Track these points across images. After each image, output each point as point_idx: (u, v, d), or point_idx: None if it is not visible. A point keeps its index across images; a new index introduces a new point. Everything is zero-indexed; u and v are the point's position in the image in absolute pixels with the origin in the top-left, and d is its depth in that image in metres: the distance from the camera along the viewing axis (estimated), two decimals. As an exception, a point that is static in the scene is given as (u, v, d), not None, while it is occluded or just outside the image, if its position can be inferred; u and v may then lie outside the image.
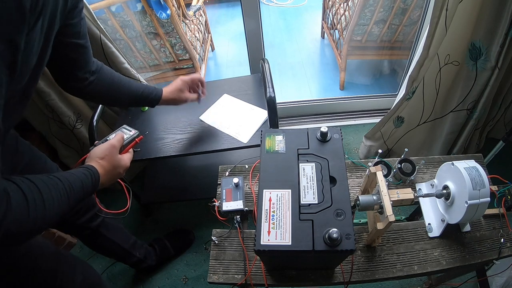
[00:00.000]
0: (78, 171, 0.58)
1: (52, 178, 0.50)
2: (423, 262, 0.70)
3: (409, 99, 1.26)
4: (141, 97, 0.88)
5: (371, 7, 1.79)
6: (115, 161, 0.66)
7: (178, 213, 1.52)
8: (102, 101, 0.84)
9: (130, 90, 0.86)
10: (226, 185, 0.78)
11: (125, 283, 1.33)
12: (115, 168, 0.66)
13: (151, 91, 0.91)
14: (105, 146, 0.66)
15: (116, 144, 0.68)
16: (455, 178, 0.66)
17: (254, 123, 1.13)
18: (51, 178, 0.50)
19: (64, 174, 0.54)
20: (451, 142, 1.33)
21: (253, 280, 0.69)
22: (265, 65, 1.20)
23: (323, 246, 0.51)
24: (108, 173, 0.64)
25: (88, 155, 0.66)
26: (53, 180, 0.50)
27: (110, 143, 0.67)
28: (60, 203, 0.49)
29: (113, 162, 0.65)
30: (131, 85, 0.87)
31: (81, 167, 0.60)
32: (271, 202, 0.57)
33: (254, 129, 1.11)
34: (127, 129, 0.79)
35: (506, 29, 0.94)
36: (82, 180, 0.56)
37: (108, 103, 0.87)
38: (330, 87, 2.23)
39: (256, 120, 1.14)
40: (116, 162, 0.66)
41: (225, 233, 0.76)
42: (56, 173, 0.53)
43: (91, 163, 0.63)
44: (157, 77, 2.04)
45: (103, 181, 0.62)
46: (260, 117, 1.15)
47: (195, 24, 2.10)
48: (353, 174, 0.85)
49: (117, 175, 0.67)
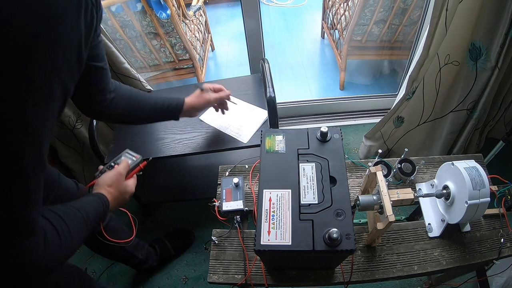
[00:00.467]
0: (91, 200, 0.62)
1: (71, 209, 0.54)
2: (423, 262, 0.70)
3: (409, 99, 1.26)
4: (163, 108, 0.86)
5: (371, 7, 1.79)
6: (122, 188, 0.71)
7: (178, 213, 1.52)
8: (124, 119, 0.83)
9: (150, 102, 0.84)
10: (226, 185, 0.78)
11: (125, 283, 1.33)
12: (122, 194, 0.70)
13: (172, 100, 0.88)
14: (112, 173, 0.70)
15: (122, 172, 0.72)
16: (455, 178, 0.66)
17: (254, 123, 1.13)
18: (70, 209, 0.53)
19: (81, 203, 0.57)
20: (451, 142, 1.33)
21: (253, 280, 0.69)
22: (265, 65, 1.20)
23: (323, 246, 0.51)
24: (116, 200, 0.69)
25: (96, 181, 0.70)
26: (73, 211, 0.53)
27: (117, 171, 0.71)
28: (81, 232, 0.53)
29: (120, 189, 0.70)
30: (150, 97, 0.85)
31: (92, 195, 0.64)
32: (271, 202, 0.57)
33: (254, 129, 1.10)
34: (130, 154, 0.80)
35: (506, 29, 0.94)
36: (96, 209, 0.60)
37: (130, 121, 0.88)
38: (330, 87, 2.23)
39: (256, 120, 1.14)
40: (123, 188, 0.71)
41: (225, 233, 0.76)
42: (72, 202, 0.56)
43: (101, 190, 0.67)
44: (157, 77, 2.04)
45: (112, 207, 0.67)
46: (260, 117, 1.14)
47: (195, 24, 2.10)
48: (353, 174, 0.85)
49: (123, 201, 0.72)
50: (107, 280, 1.33)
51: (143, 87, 1.32)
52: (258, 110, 1.17)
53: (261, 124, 1.12)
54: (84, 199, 0.61)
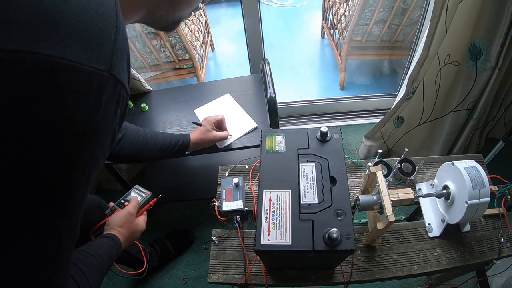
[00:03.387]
0: (104, 243, 0.63)
1: (87, 257, 0.54)
2: (423, 262, 0.70)
3: (409, 99, 1.26)
4: (169, 148, 0.90)
5: (371, 7, 1.79)
6: (133, 227, 0.72)
7: (178, 213, 1.52)
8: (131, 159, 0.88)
9: (157, 142, 0.88)
10: (226, 185, 0.78)
11: (125, 284, 1.32)
12: (133, 233, 0.72)
13: (178, 138, 0.93)
14: (123, 214, 0.72)
15: (133, 211, 0.74)
16: (455, 178, 0.66)
17: (237, 131, 1.10)
18: (87, 257, 0.54)
19: (95, 248, 0.58)
20: (451, 142, 1.33)
21: (253, 280, 0.69)
22: (265, 65, 1.20)
23: (323, 246, 0.51)
24: (127, 239, 0.70)
25: (107, 221, 0.72)
26: (89, 259, 0.54)
27: (128, 211, 0.73)
28: (98, 278, 0.54)
29: (131, 229, 0.72)
30: (157, 137, 0.89)
31: (104, 237, 0.66)
32: (271, 202, 0.57)
33: (234, 137, 1.09)
34: (140, 190, 0.82)
35: (506, 29, 0.94)
36: (109, 252, 0.61)
37: (137, 160, 0.92)
38: (330, 87, 2.23)
39: (240, 129, 1.11)
40: (134, 228, 0.72)
41: (225, 233, 0.76)
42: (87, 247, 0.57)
43: (112, 231, 0.68)
44: (157, 77, 2.04)
45: (123, 247, 0.68)
46: (246, 126, 1.12)
47: (195, 24, 2.10)
48: (353, 174, 0.85)
49: (134, 239, 0.73)
50: (107, 280, 1.33)
51: (143, 87, 1.32)
52: (247, 119, 1.14)
53: (242, 134, 1.10)
54: (97, 242, 0.61)
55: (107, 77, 0.30)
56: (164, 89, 1.37)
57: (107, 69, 0.30)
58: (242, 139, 1.08)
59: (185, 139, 0.94)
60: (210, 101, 1.23)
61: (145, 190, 0.83)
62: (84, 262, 0.51)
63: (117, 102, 0.34)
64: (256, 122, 1.13)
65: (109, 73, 0.30)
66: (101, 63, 0.29)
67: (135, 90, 1.33)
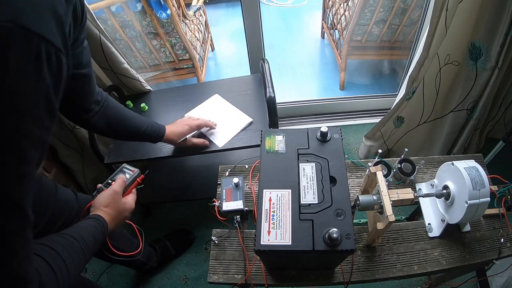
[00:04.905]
0: (88, 224, 0.59)
1: (67, 239, 0.52)
2: (423, 262, 0.70)
3: (409, 99, 1.26)
4: (144, 134, 0.89)
5: (371, 7, 1.79)
6: (120, 206, 0.68)
7: (178, 213, 1.52)
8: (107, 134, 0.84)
9: (135, 124, 0.86)
10: (226, 185, 0.78)
11: (125, 283, 1.33)
12: (120, 213, 0.68)
13: (154, 129, 0.92)
14: (108, 193, 0.68)
15: (118, 190, 0.69)
16: (455, 178, 0.66)
17: (233, 129, 1.10)
18: (67, 239, 0.52)
19: (77, 230, 0.56)
20: (451, 142, 1.33)
21: (253, 280, 0.69)
22: (265, 65, 1.20)
23: (323, 246, 0.51)
24: (115, 219, 0.66)
25: (92, 203, 0.68)
26: (69, 241, 0.52)
27: (113, 189, 0.69)
28: (79, 263, 0.52)
29: (118, 207, 0.67)
30: (135, 119, 0.87)
31: (89, 218, 0.62)
32: (271, 202, 0.57)
33: (232, 135, 1.09)
34: (127, 169, 0.78)
35: (506, 29, 0.94)
36: (94, 234, 0.58)
37: (112, 135, 0.90)
38: (330, 87, 2.23)
39: (236, 126, 1.11)
40: (121, 207, 0.68)
41: (225, 233, 0.76)
42: (69, 230, 0.55)
43: (97, 212, 0.64)
44: (157, 77, 2.04)
45: (111, 227, 0.64)
46: (241, 122, 1.12)
47: (195, 24, 2.10)
48: (353, 174, 0.85)
49: (123, 219, 0.69)
50: (107, 280, 1.33)
51: (143, 87, 1.32)
52: (241, 115, 1.15)
53: (239, 130, 1.10)
54: (81, 224, 0.59)
55: (10, 29, 0.26)
56: (163, 89, 1.37)
57: (10, 19, 0.26)
58: (242, 139, 1.08)
59: (160, 131, 0.94)
60: (201, 103, 1.23)
61: (132, 168, 0.77)
62: (62, 244, 0.50)
63: (38, 60, 0.30)
64: (251, 117, 1.13)
65: (13, 23, 0.26)
66: (4, 14, 0.25)
67: (135, 90, 1.33)
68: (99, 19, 1.09)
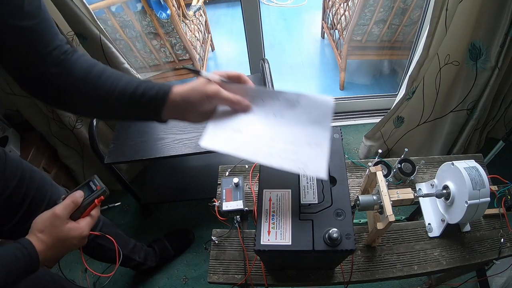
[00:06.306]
0: (9, 252, 0.48)
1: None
2: (423, 262, 0.70)
3: (409, 99, 1.26)
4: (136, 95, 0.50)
5: (371, 7, 1.79)
6: (61, 233, 0.53)
7: (178, 213, 1.52)
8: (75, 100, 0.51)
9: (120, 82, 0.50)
10: (226, 185, 0.78)
11: (125, 284, 1.32)
12: (62, 241, 0.53)
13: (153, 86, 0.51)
14: (46, 215, 0.54)
15: (59, 213, 0.53)
16: (455, 178, 0.66)
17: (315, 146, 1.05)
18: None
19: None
20: (451, 142, 1.33)
21: (253, 280, 0.69)
22: (265, 65, 1.20)
23: (323, 246, 0.51)
24: (53, 248, 0.52)
25: None
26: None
27: (53, 212, 0.53)
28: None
29: (58, 235, 0.53)
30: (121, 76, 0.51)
31: (16, 243, 0.50)
32: (271, 202, 0.57)
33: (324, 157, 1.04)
34: (94, 184, 0.60)
35: (506, 29, 0.94)
36: (9, 266, 0.47)
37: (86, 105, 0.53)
38: (330, 87, 2.23)
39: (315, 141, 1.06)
40: (63, 234, 0.53)
41: (225, 233, 0.76)
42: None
43: (30, 237, 0.52)
44: (157, 77, 2.04)
45: (47, 257, 0.52)
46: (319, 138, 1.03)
47: (195, 24, 2.10)
48: (353, 174, 0.85)
49: (68, 247, 0.55)
50: (107, 280, 1.33)
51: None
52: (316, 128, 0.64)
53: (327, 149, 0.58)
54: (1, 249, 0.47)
55: None
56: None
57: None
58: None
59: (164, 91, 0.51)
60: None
61: (99, 184, 0.60)
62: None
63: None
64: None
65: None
66: None
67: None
68: (99, 19, 1.09)
